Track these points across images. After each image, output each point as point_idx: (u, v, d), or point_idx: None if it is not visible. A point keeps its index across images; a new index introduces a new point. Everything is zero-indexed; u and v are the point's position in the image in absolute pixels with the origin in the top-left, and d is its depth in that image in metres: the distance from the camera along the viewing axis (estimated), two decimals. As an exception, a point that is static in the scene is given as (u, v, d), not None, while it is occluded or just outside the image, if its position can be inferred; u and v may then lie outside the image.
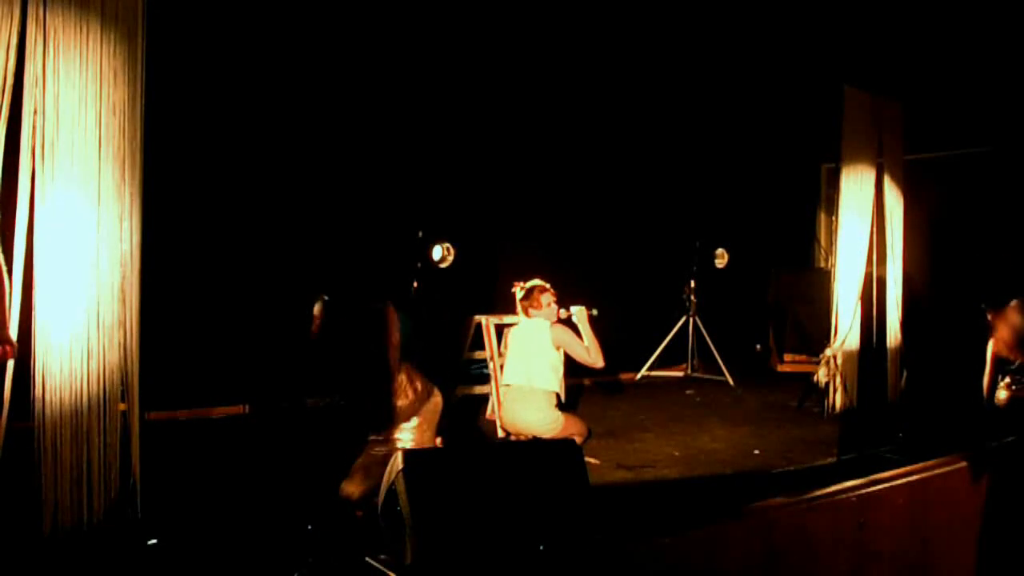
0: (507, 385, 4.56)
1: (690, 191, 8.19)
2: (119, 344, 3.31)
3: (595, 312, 4.64)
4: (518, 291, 4.64)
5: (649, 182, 7.97)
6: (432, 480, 2.28)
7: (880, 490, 2.78)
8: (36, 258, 3.11)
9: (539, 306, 4.55)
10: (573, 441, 3.06)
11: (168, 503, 3.52)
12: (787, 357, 8.26)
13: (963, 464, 3.35)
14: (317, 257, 5.96)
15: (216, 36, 5.47)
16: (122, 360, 3.31)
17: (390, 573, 2.25)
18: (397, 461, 2.33)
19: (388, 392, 3.53)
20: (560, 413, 4.48)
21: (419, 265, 5.90)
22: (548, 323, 4.53)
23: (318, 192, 5.98)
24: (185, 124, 5.25)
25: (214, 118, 5.55)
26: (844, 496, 2.64)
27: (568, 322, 4.61)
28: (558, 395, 4.54)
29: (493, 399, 5.33)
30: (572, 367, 6.51)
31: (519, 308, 4.64)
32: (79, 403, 3.19)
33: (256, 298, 5.75)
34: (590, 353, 4.49)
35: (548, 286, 4.60)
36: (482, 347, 5.45)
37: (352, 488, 3.46)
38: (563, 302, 4.66)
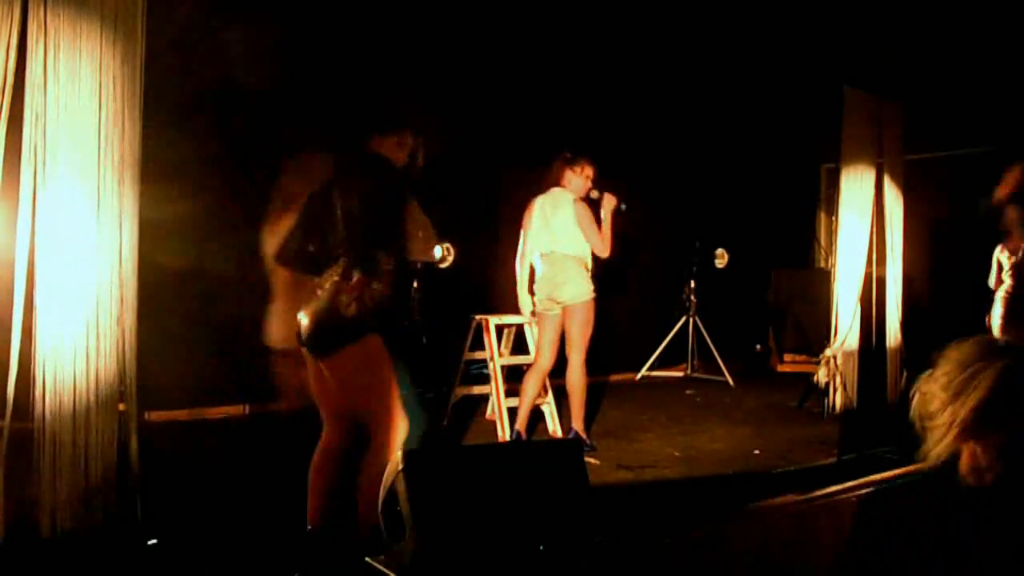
0: (544, 254, 4.85)
1: (690, 191, 8.19)
2: (118, 344, 3.31)
3: (624, 207, 4.88)
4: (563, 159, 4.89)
5: (649, 182, 7.97)
6: (432, 480, 2.28)
7: (880, 490, 2.77)
8: (36, 258, 3.11)
9: (579, 174, 4.84)
10: (573, 441, 3.06)
11: (168, 503, 3.52)
12: (787, 357, 8.27)
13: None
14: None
15: (214, 36, 5.47)
16: (121, 360, 3.32)
17: (390, 573, 2.25)
18: (397, 461, 2.33)
19: None
20: (592, 287, 4.76)
21: (419, 265, 5.90)
22: (572, 197, 4.81)
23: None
24: (185, 123, 5.25)
25: (214, 117, 5.56)
26: (844, 496, 2.64)
27: (592, 204, 4.88)
28: (587, 265, 4.83)
29: (493, 399, 5.34)
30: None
31: (556, 173, 4.90)
32: (79, 403, 3.19)
33: (256, 297, 5.75)
34: (602, 240, 4.75)
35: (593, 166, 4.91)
36: (482, 347, 5.45)
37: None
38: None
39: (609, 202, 4.83)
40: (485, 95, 6.77)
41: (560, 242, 4.78)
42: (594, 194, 4.86)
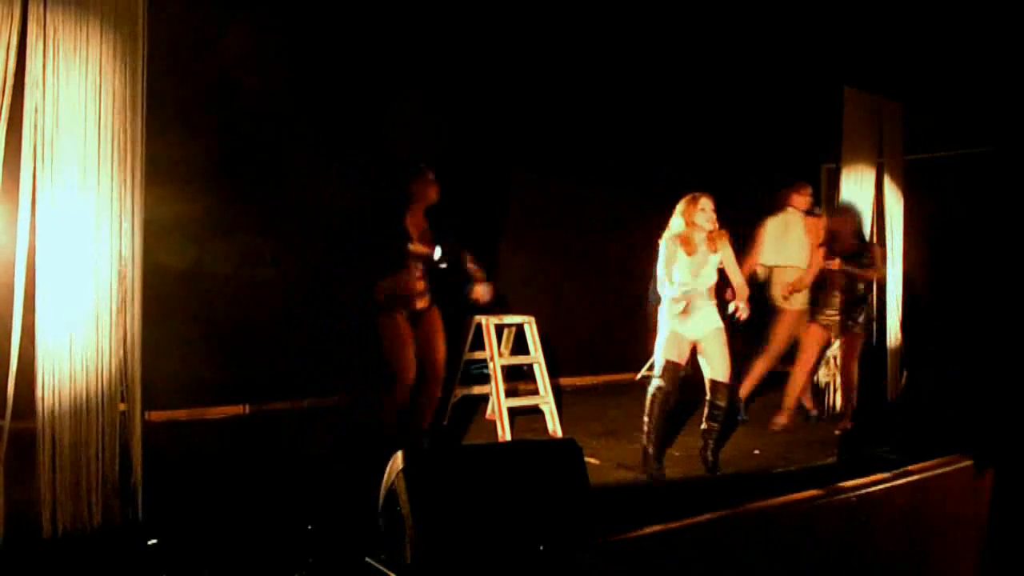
0: (774, 267, 5.84)
1: (690, 191, 8.17)
2: (119, 344, 3.31)
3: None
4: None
5: (649, 182, 7.97)
6: (432, 480, 2.28)
7: (880, 490, 2.77)
8: (37, 258, 3.11)
9: (806, 195, 5.91)
10: (573, 441, 3.05)
11: (168, 503, 3.52)
12: (787, 357, 8.24)
13: (963, 464, 3.34)
14: (316, 257, 5.96)
15: (215, 36, 5.47)
16: (122, 360, 3.31)
17: (390, 573, 2.25)
18: (397, 461, 2.33)
19: None
20: (806, 299, 5.80)
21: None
22: (801, 216, 5.79)
23: (318, 192, 5.98)
24: (185, 123, 5.25)
25: (214, 117, 5.56)
26: (844, 496, 2.64)
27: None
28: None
29: (493, 399, 5.34)
30: (570, 365, 6.48)
31: (784, 196, 5.96)
32: (79, 403, 3.19)
33: (255, 297, 5.75)
34: (812, 256, 5.65)
35: None
36: (482, 347, 5.45)
37: None
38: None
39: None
40: (489, 98, 6.77)
41: (790, 256, 5.70)
42: (817, 211, 5.85)
